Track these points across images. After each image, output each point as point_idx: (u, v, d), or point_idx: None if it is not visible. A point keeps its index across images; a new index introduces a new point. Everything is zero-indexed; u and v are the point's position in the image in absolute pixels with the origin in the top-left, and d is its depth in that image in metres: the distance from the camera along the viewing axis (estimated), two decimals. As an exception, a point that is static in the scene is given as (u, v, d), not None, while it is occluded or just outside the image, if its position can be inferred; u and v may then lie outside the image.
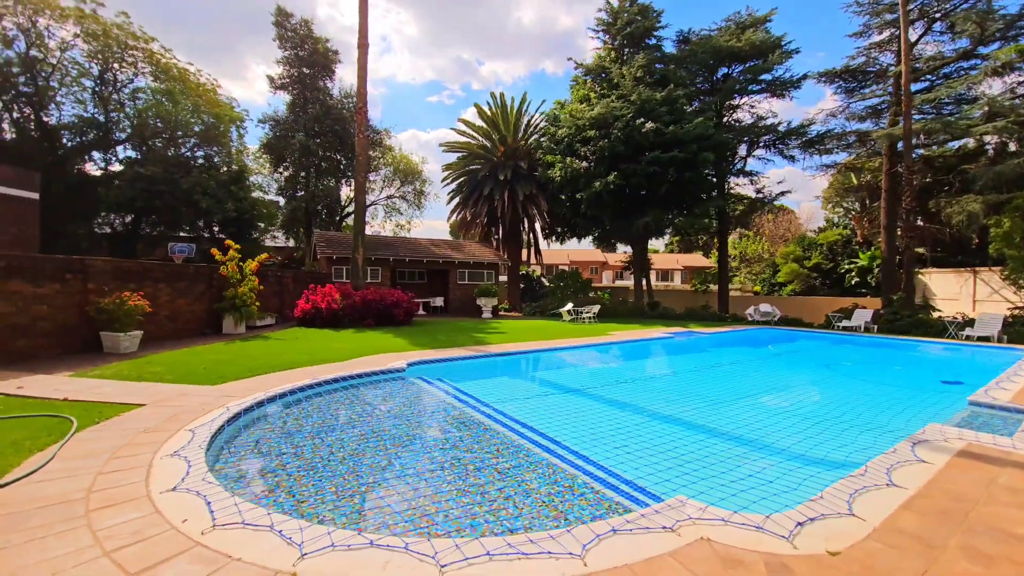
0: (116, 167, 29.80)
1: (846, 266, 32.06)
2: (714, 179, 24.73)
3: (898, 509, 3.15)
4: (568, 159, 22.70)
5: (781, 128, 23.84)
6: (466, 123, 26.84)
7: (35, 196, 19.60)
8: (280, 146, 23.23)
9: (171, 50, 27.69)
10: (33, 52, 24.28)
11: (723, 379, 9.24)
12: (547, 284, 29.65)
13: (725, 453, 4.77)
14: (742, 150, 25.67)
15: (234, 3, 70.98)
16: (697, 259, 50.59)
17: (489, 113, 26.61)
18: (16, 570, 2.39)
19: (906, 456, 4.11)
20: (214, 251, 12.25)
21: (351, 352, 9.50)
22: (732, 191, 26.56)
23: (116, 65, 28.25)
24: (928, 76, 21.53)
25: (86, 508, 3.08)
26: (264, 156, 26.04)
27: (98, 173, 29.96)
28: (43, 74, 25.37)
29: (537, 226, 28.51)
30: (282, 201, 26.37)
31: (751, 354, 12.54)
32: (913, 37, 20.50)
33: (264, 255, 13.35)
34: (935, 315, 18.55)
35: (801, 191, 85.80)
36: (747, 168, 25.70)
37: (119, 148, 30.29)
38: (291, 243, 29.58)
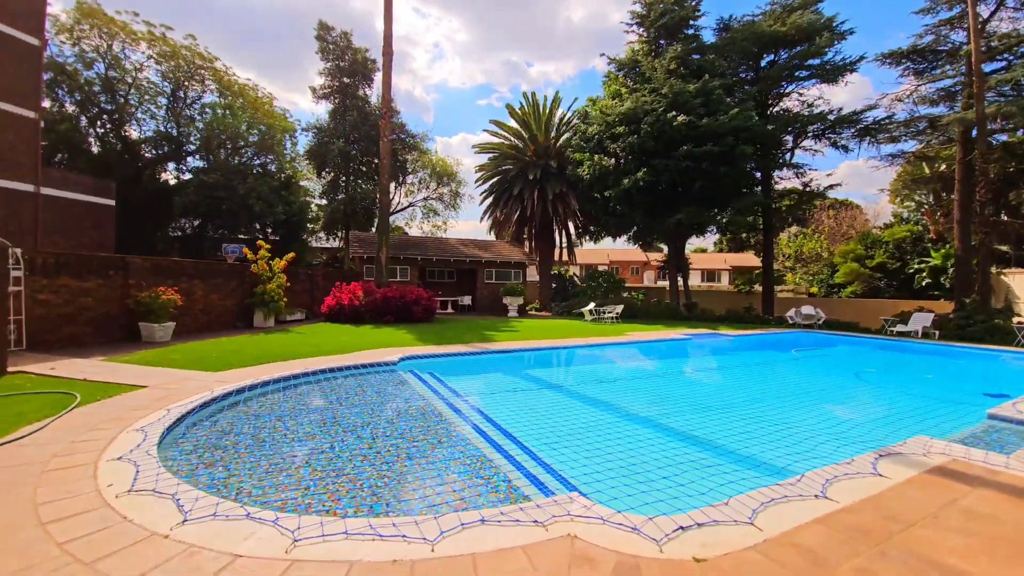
0: (187, 176, 32.96)
1: (916, 265, 29.06)
2: (758, 173, 23.33)
3: (809, 523, 2.90)
4: (596, 156, 22.32)
5: (831, 116, 22.01)
6: (498, 124, 27.10)
7: (111, 203, 22.11)
8: (322, 152, 24.70)
9: (231, 69, 30.13)
10: (112, 73, 27.28)
11: (714, 383, 8.80)
12: (579, 284, 29.29)
13: (669, 456, 4.56)
14: (789, 142, 24.02)
15: (303, 21, 76.18)
16: (747, 259, 47.76)
17: (520, 114, 26.69)
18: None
19: (862, 468, 3.74)
20: (245, 250, 13.28)
21: (356, 346, 9.96)
22: (779, 185, 24.92)
23: (186, 83, 31.22)
24: (1005, 55, 19.08)
25: (43, 469, 3.52)
26: (308, 162, 27.74)
27: (172, 182, 33.30)
28: (121, 93, 28.49)
29: (570, 225, 28.27)
30: (324, 204, 27.95)
31: (767, 358, 11.73)
32: (985, 13, 18.33)
33: (290, 255, 14.25)
34: (1015, 320, 16.42)
35: (865, 184, 78.66)
36: (794, 160, 23.97)
37: (189, 159, 33.48)
38: (335, 244, 31.31)
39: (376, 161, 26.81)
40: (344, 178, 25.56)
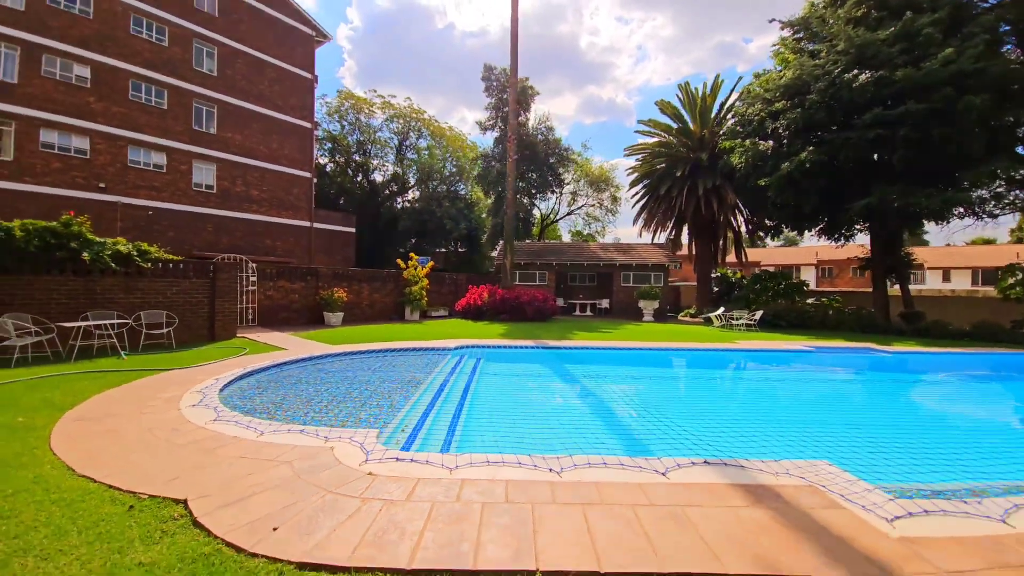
0: (406, 205, 42.75)
1: None
2: (1013, 129, 16.34)
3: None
4: (748, 141, 19.54)
5: None
6: (648, 123, 26.28)
7: (352, 231, 30.94)
8: (487, 175, 28.76)
9: (435, 117, 37.87)
10: (360, 136, 37.80)
11: (707, 387, 7.46)
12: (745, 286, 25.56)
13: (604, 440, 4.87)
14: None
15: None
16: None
17: (671, 107, 25.32)
18: (114, 404, 5.81)
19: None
20: (399, 260, 17.30)
21: (449, 335, 12.16)
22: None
23: (408, 134, 40.65)
24: None
25: (199, 376, 6.53)
26: (477, 185, 32.58)
27: (399, 210, 43.73)
28: (367, 149, 39.11)
29: (734, 221, 25.16)
30: (489, 219, 32.31)
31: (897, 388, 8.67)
32: None
33: (431, 263, 17.72)
34: None
35: None
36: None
37: (409, 192, 43.29)
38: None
39: (533, 175, 29.53)
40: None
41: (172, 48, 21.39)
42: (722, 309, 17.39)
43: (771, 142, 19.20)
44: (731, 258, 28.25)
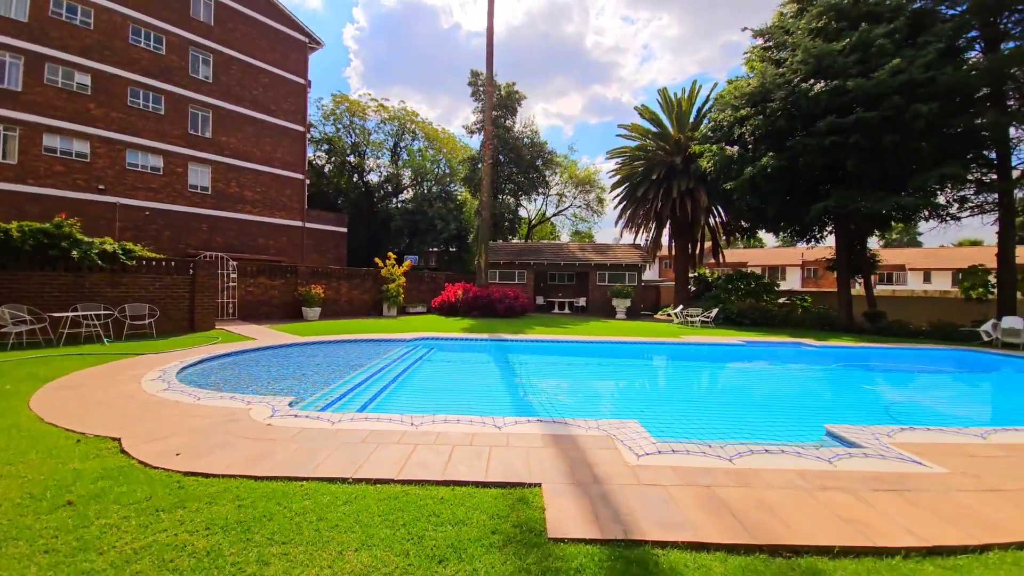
0: (401, 205, 43.79)
1: None
2: (970, 135, 17.03)
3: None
4: (716, 146, 20.36)
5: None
6: (627, 127, 27.11)
7: (344, 230, 31.98)
8: (475, 177, 29.67)
9: (428, 119, 38.88)
10: (354, 139, 38.87)
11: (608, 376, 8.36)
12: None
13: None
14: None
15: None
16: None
17: (649, 112, 26.15)
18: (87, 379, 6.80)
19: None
20: (377, 259, 18.29)
21: (414, 329, 13.12)
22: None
23: (402, 135, 41.66)
24: None
25: (160, 362, 7.52)
26: (466, 186, 33.60)
27: (393, 210, 44.77)
28: (361, 151, 40.18)
29: (710, 223, 25.97)
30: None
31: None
32: None
33: (408, 263, 18.71)
34: None
35: None
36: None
37: (402, 193, 44.30)
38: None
39: (520, 178, 30.44)
40: (490, 198, 30.19)
41: (169, 56, 22.49)
42: (681, 307, 18.22)
43: (737, 147, 20.01)
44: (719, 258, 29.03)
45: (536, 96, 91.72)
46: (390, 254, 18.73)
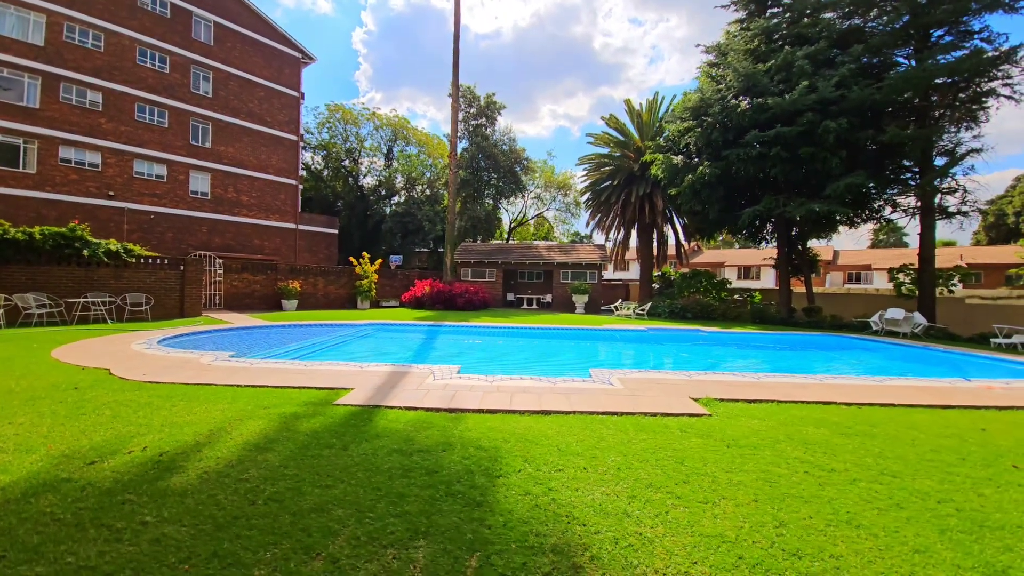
0: (393, 208, 46.06)
1: None
2: (873, 149, 18.80)
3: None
4: (664, 155, 22.30)
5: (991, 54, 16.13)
6: (596, 135, 29.08)
7: (335, 232, 34.27)
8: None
9: (420, 126, 41.22)
10: (349, 144, 41.25)
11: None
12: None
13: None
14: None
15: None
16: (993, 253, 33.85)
17: (615, 122, 28.10)
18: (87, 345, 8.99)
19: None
20: (351, 258, 20.45)
21: (375, 317, 15.22)
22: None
23: (395, 141, 43.96)
24: None
25: (149, 336, 9.69)
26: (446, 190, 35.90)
27: (386, 213, 47.08)
28: (355, 157, 42.54)
29: (671, 225, 27.89)
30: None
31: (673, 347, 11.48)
32: None
33: (379, 261, 20.85)
34: None
35: None
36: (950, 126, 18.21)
37: (395, 196, 46.58)
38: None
39: (498, 181, 32.54)
40: (469, 202, 32.30)
41: (172, 74, 24.89)
42: (620, 301, 20.16)
43: (682, 156, 21.92)
44: (704, 257, 30.88)
45: (544, 97, 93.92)
46: (364, 254, 20.89)
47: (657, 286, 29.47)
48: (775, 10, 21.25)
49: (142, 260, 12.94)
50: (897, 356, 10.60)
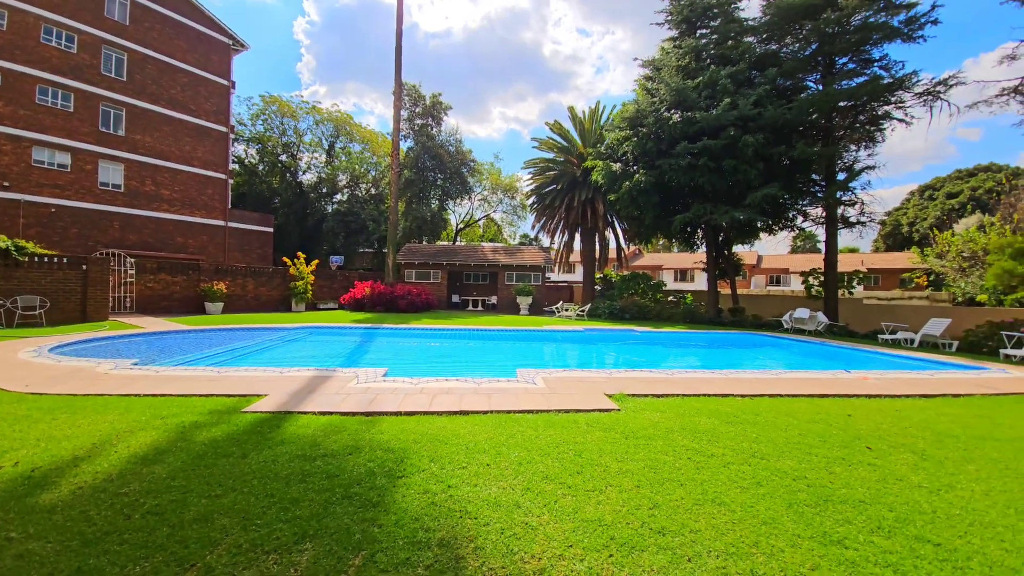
0: (335, 207, 44.34)
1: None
2: (786, 164, 20.66)
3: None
4: (603, 163, 23.18)
5: (886, 81, 18.20)
6: (541, 140, 29.66)
7: (270, 230, 32.46)
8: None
9: (362, 122, 40.05)
10: (286, 138, 39.29)
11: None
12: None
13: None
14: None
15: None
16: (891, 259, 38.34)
17: (559, 128, 28.80)
18: (-12, 347, 8.01)
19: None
20: (285, 259, 19.53)
21: (302, 321, 14.61)
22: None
23: (337, 137, 42.35)
24: None
25: (40, 343, 8.73)
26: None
27: (327, 211, 45.23)
28: (294, 152, 40.57)
29: (612, 230, 28.99)
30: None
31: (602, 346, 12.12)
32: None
33: (316, 261, 20.07)
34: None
35: None
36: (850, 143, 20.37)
37: (337, 195, 44.89)
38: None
39: (442, 181, 32.32)
40: (415, 201, 31.89)
41: (81, 54, 22.54)
42: (562, 302, 20.74)
43: (620, 164, 22.92)
44: (644, 260, 32.14)
45: (495, 100, 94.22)
46: (300, 254, 20.01)
47: (599, 288, 30.57)
48: (704, 31, 22.75)
49: (36, 259, 11.63)
50: (798, 351, 11.74)
